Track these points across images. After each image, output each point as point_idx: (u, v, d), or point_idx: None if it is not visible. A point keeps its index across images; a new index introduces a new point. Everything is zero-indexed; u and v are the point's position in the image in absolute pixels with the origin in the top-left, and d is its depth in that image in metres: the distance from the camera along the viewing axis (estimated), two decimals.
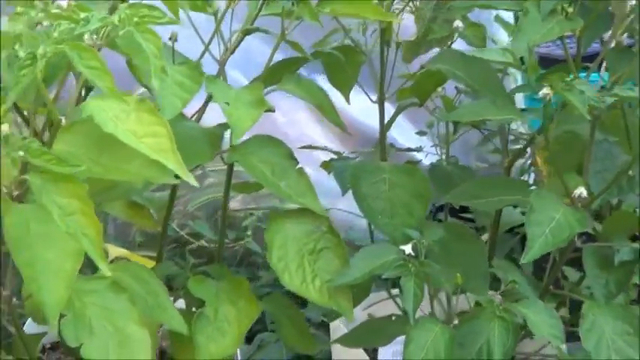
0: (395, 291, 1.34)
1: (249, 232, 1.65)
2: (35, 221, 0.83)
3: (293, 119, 1.83)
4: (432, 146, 1.64)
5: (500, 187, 1.15)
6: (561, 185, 1.10)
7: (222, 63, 1.07)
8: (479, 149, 1.88)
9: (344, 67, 1.22)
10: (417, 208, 1.12)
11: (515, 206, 1.43)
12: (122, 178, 0.90)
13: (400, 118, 1.35)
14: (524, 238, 1.50)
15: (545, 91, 1.02)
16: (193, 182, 0.81)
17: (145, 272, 1.03)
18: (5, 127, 0.77)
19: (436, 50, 1.26)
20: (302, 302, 1.41)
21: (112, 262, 1.12)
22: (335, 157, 1.33)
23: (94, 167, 0.88)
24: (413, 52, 1.33)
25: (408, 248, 1.06)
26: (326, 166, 1.32)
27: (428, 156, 1.62)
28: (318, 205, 1.08)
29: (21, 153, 0.75)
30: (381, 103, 1.23)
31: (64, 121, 0.84)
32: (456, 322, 1.07)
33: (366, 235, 1.38)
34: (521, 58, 1.04)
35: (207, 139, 1.01)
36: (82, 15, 0.84)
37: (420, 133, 1.67)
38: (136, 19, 0.83)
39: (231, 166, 1.10)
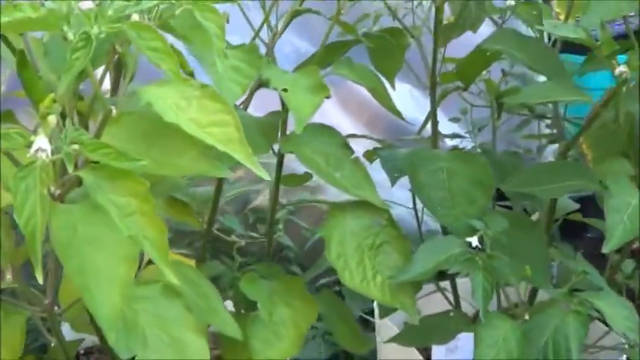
0: (442, 283, 1.24)
1: (280, 226, 1.53)
2: (83, 223, 0.72)
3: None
4: (465, 132, 1.54)
5: (561, 173, 1.04)
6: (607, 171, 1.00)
7: (270, 47, 0.95)
8: (509, 135, 1.77)
9: (391, 50, 1.11)
10: (478, 197, 1.01)
11: None
12: (173, 173, 0.80)
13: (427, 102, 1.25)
14: (563, 225, 1.40)
15: (622, 68, 0.91)
16: (265, 176, 0.70)
17: (193, 273, 0.92)
18: (53, 119, 0.65)
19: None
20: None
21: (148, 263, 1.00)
22: (379, 146, 1.22)
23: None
24: (446, 36, 1.22)
25: (474, 240, 0.96)
26: (370, 155, 1.20)
27: (463, 142, 1.52)
28: (377, 197, 0.97)
29: (75, 147, 0.63)
30: (432, 87, 1.12)
31: (114, 111, 0.73)
32: (526, 317, 0.97)
33: (405, 225, 1.27)
34: None
35: (261, 130, 0.90)
36: None
37: (454, 119, 1.57)
38: None
39: (281, 157, 0.99)
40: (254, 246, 1.55)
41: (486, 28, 1.21)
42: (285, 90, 0.85)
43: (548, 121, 1.48)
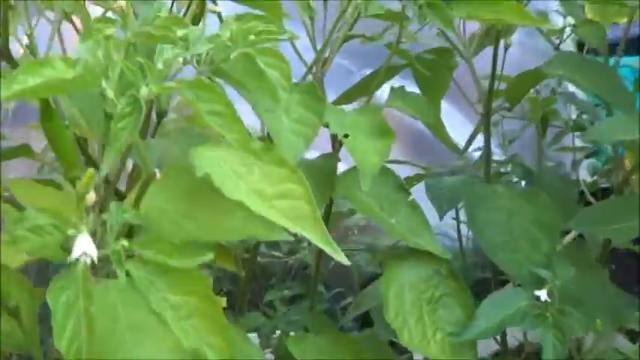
0: None
1: (304, 244, 1.40)
2: (124, 304, 0.58)
3: None
4: (496, 147, 1.41)
5: (631, 211, 0.91)
6: None
7: (318, 79, 0.82)
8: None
9: (439, 72, 0.98)
10: (542, 241, 0.89)
11: None
12: (223, 237, 0.66)
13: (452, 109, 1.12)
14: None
15: None
16: (345, 261, 0.57)
17: (237, 334, 0.79)
18: (92, 197, 0.51)
19: None
20: (367, 322, 1.19)
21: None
22: (421, 172, 1.09)
23: (188, 225, 0.64)
24: (479, 46, 1.09)
25: (543, 294, 0.83)
26: (410, 182, 1.08)
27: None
28: (437, 245, 0.84)
29: (125, 243, 0.50)
30: (487, 111, 0.98)
31: (158, 175, 0.59)
32: None
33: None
34: None
35: (315, 179, 0.76)
36: (180, 32, 0.59)
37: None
38: (252, 37, 0.58)
39: (331, 201, 0.86)
40: (279, 265, 1.43)
41: None
42: (346, 136, 0.71)
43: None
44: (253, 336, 0.96)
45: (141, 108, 0.50)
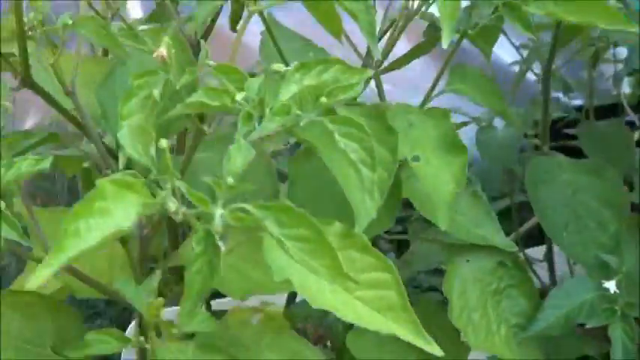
0: None
1: None
2: None
3: None
4: None
5: None
6: None
7: (380, 95, 0.73)
8: None
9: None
10: (609, 221, 0.82)
11: None
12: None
13: None
14: None
15: None
16: (438, 352, 0.51)
17: None
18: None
19: None
20: None
21: None
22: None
23: (245, 285, 0.59)
24: None
25: (612, 285, 0.78)
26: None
27: None
28: (501, 236, 0.78)
29: None
30: (546, 75, 0.89)
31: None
32: None
33: None
34: None
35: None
36: (239, 95, 0.50)
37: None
38: (323, 99, 0.50)
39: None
40: None
41: None
42: (416, 158, 0.64)
43: None
44: None
45: (216, 247, 0.43)
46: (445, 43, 0.59)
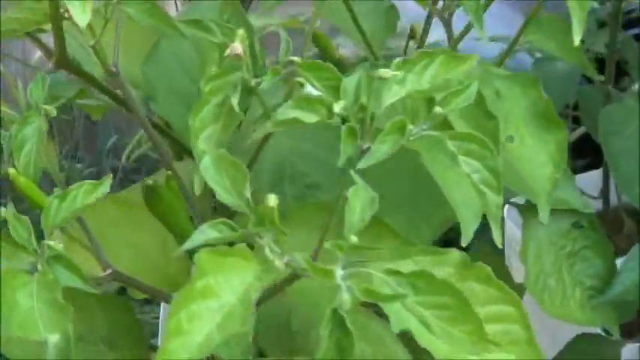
0: None
1: None
2: None
3: None
4: None
5: None
6: None
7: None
8: None
9: None
10: None
11: None
12: None
13: None
14: None
15: None
16: None
17: None
18: None
19: None
20: None
21: None
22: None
23: None
24: None
25: None
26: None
27: None
28: (578, 198, 0.71)
29: None
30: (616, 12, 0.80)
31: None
32: None
33: None
34: None
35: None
36: (337, 105, 0.42)
37: None
38: (437, 109, 0.42)
39: None
40: None
41: None
42: (510, 139, 0.56)
43: None
44: None
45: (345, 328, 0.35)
46: None
